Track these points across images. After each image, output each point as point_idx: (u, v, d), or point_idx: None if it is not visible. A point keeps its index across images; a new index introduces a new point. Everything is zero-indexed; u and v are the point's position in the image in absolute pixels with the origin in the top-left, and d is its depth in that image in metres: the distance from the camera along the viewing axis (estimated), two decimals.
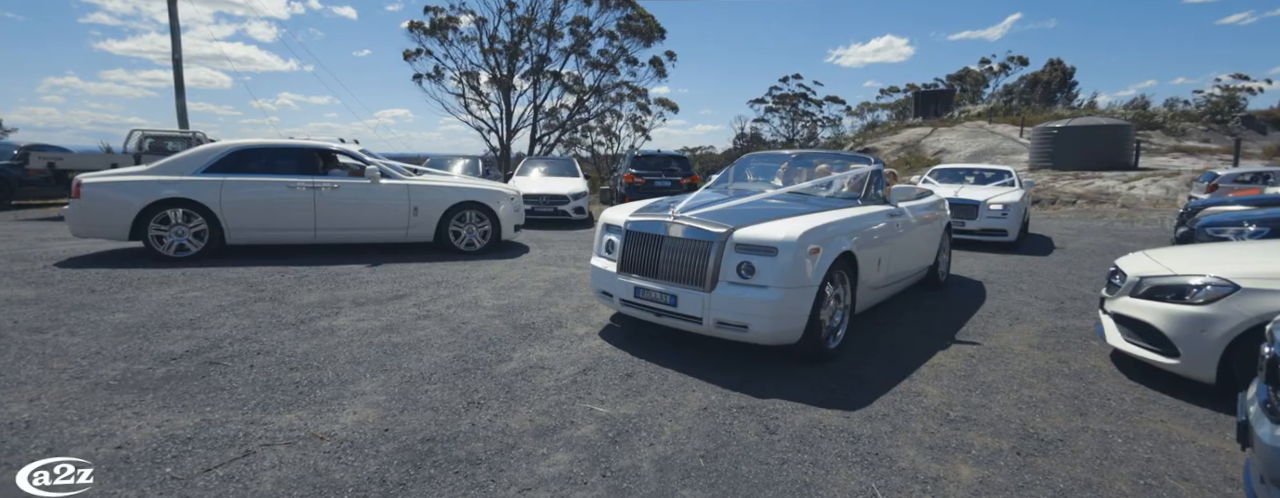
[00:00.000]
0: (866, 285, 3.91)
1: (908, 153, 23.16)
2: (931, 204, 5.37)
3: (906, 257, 4.60)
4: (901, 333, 4.24)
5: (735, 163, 5.23)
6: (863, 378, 3.33)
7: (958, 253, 7.81)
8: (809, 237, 3.23)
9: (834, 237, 3.43)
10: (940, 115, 29.17)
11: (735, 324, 3.24)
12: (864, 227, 3.86)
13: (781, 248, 3.17)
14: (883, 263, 4.09)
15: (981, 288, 5.83)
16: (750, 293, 3.20)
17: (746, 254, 3.24)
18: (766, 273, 3.18)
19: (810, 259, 3.22)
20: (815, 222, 3.41)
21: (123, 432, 2.43)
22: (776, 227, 3.32)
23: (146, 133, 10.93)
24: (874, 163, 4.65)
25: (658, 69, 25.64)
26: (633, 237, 3.72)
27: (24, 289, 4.66)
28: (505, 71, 23.91)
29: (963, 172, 10.13)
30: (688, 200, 4.04)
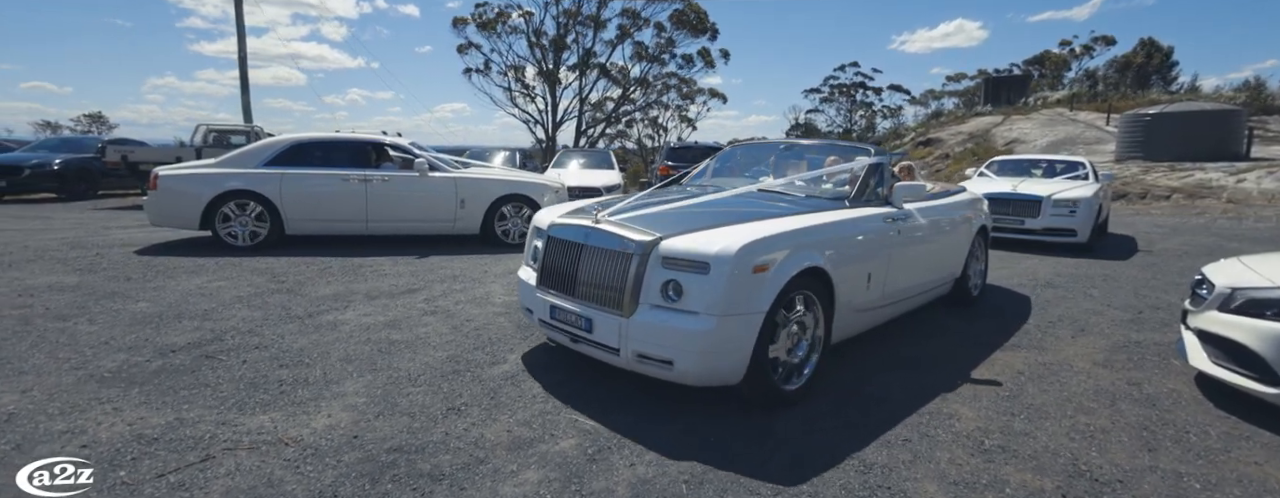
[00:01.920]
0: (849, 308, 3.08)
1: (975, 143, 21.67)
2: (956, 204, 4.44)
3: (916, 269, 3.75)
4: (937, 343, 3.80)
5: (717, 155, 4.45)
6: (884, 395, 2.96)
7: (1015, 255, 7.12)
8: (752, 249, 2.49)
9: (795, 249, 2.66)
10: (1014, 103, 27.17)
11: (658, 359, 2.51)
12: (845, 235, 3.04)
13: (714, 263, 2.43)
14: (876, 279, 3.26)
15: (1036, 298, 5.24)
16: (676, 321, 2.47)
17: (674, 271, 2.52)
18: (696, 295, 2.45)
19: (754, 278, 2.48)
20: (766, 230, 2.65)
21: (94, 430, 2.39)
22: (715, 236, 2.58)
23: (211, 127, 11.52)
24: (876, 154, 3.78)
25: (706, 61, 25.07)
26: (554, 244, 3.00)
27: (69, 276, 4.87)
28: (551, 65, 24.01)
29: (1028, 163, 9.14)
30: (630, 199, 3.39)
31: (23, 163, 10.77)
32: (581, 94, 25.16)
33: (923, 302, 4.09)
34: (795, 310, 2.76)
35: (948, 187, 4.87)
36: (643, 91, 26.28)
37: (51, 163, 10.85)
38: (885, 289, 3.39)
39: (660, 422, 2.61)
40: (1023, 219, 7.34)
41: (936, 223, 4.01)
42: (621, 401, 2.82)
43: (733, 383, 2.60)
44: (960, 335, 3.99)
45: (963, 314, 4.50)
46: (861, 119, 43.79)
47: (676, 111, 29.28)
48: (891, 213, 3.48)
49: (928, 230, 3.86)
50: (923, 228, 3.78)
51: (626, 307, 2.61)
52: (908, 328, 4.09)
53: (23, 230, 7.38)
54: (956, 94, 40.77)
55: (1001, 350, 3.70)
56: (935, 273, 4.05)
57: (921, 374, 3.28)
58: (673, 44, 24.36)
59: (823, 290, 2.88)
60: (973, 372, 3.33)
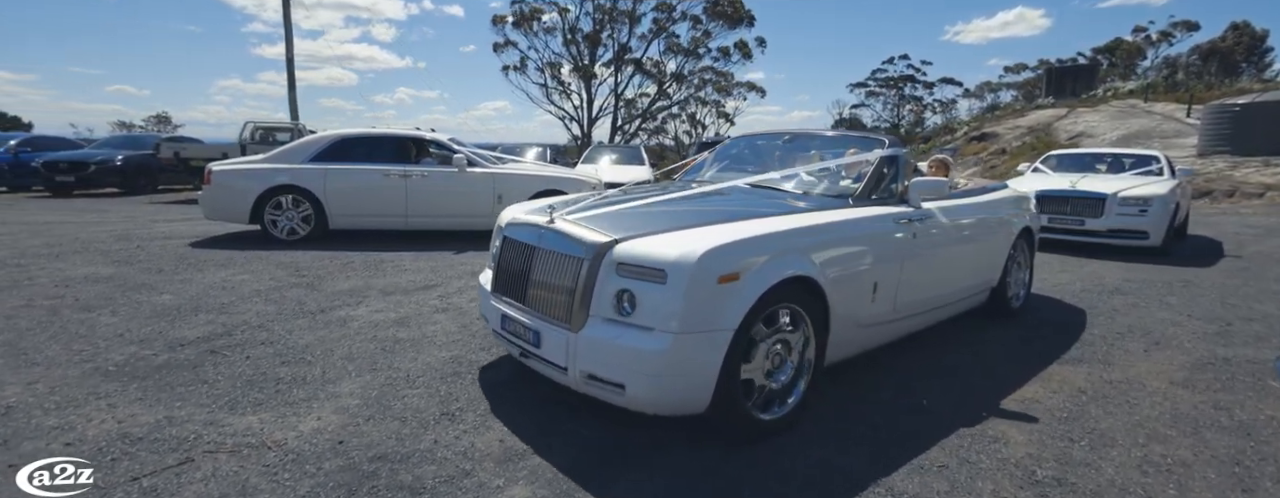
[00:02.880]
0: (851, 323, 2.66)
1: (1035, 138, 20.39)
2: (992, 203, 3.87)
3: (938, 277, 3.24)
4: (985, 351, 3.43)
5: (718, 147, 4.00)
6: (920, 408, 2.65)
7: (1077, 258, 6.53)
8: (718, 255, 2.10)
9: (776, 254, 2.27)
10: (1079, 94, 25.47)
11: (608, 382, 2.16)
12: (843, 238, 2.61)
13: (672, 272, 2.06)
14: (885, 289, 2.80)
15: (1102, 305, 4.74)
16: (627, 338, 2.11)
17: (628, 279, 2.15)
18: (651, 308, 2.09)
19: (721, 289, 2.10)
20: (740, 233, 2.26)
21: (83, 427, 2.35)
22: (677, 239, 2.21)
23: (257, 125, 11.95)
24: (890, 146, 3.25)
25: (744, 53, 24.50)
26: (508, 245, 2.72)
27: (106, 267, 5.01)
28: (587, 61, 23.97)
29: (1092, 157, 8.30)
30: (601, 195, 3.07)
31: (89, 159, 11.40)
32: (617, 90, 25.08)
33: (949, 314, 3.57)
34: (778, 326, 2.35)
35: (984, 183, 4.37)
36: (679, 87, 25.97)
37: (114, 159, 11.46)
38: (897, 301, 2.91)
39: (675, 432, 2.38)
40: (1083, 219, 6.65)
41: (965, 224, 3.49)
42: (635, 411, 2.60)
43: (697, 412, 2.20)
44: (1012, 344, 3.60)
45: (1017, 321, 4.09)
46: (910, 113, 42.14)
47: (714, 107, 28.80)
48: (906, 213, 2.98)
49: (953, 233, 3.33)
50: (946, 230, 3.26)
51: (575, 319, 2.25)
52: (952, 332, 3.73)
53: (80, 223, 7.74)
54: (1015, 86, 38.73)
55: (1060, 364, 3.30)
56: (964, 281, 3.53)
57: (965, 386, 2.94)
58: (708, 36, 23.93)
59: (813, 303, 2.44)
60: (1025, 387, 2.96)
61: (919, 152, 23.20)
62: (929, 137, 28.16)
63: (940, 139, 23.71)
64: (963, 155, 21.13)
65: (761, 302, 2.19)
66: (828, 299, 2.46)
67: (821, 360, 2.55)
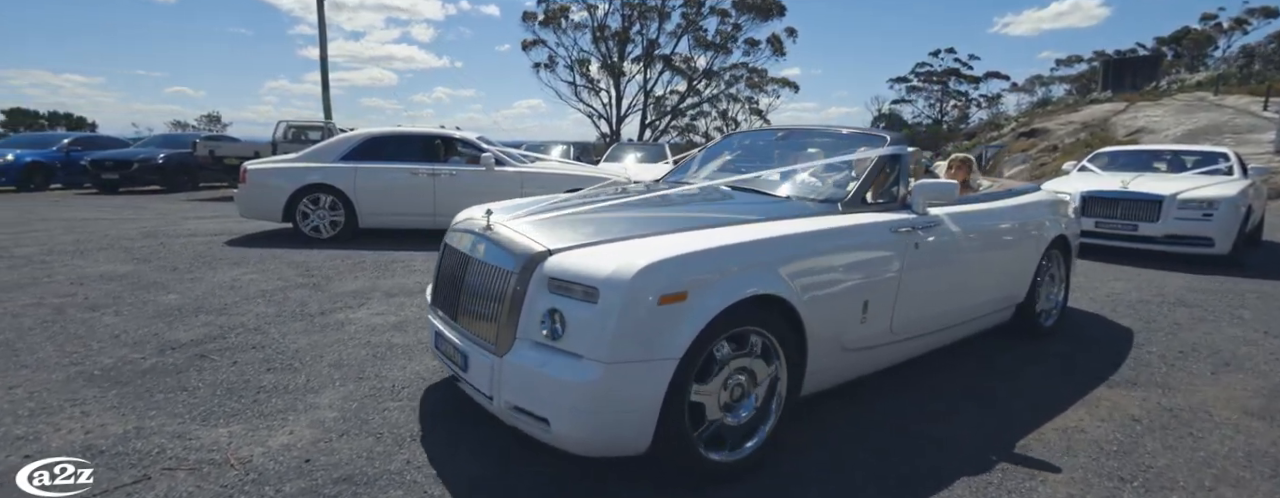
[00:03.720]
0: (835, 347, 2.32)
1: (1090, 134, 19.27)
2: (1017, 209, 3.38)
3: (948, 293, 2.85)
4: (1023, 371, 3.09)
5: (707, 146, 3.63)
6: (942, 437, 2.36)
7: (1129, 266, 6.01)
8: (660, 271, 1.81)
9: (736, 270, 1.97)
10: (1140, 87, 23.98)
11: (533, 415, 1.88)
12: (824, 250, 2.27)
13: (604, 289, 1.78)
14: (878, 308, 2.45)
15: (1162, 318, 4.29)
16: (553, 366, 1.83)
17: (558, 296, 1.88)
18: (580, 332, 1.81)
19: (662, 311, 1.80)
20: (690, 244, 1.96)
21: (49, 437, 2.26)
22: (616, 251, 1.92)
23: (290, 124, 12.20)
24: (892, 143, 2.81)
25: (775, 47, 23.90)
26: (447, 252, 2.50)
27: (124, 265, 5.06)
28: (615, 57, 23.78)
29: (1147, 155, 7.57)
30: (557, 197, 2.80)
31: (132, 158, 11.81)
32: (645, 87, 24.82)
33: (964, 334, 3.16)
34: (741, 352, 2.03)
35: (1013, 185, 3.87)
36: (709, 83, 25.54)
37: (156, 158, 11.84)
38: (896, 321, 2.56)
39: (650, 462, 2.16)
40: (1135, 223, 6.04)
41: (982, 232, 3.05)
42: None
43: (636, 453, 1.90)
44: (1053, 361, 3.25)
45: (1060, 335, 3.71)
46: (953, 109, 40.64)
47: (746, 104, 28.25)
48: (907, 220, 2.59)
49: (966, 242, 2.90)
50: (958, 239, 2.84)
51: (501, 342, 1.98)
52: (982, 348, 3.39)
53: (114, 220, 7.96)
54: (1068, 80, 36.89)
55: (1110, 386, 2.95)
56: (981, 297, 3.10)
57: (996, 412, 2.63)
58: (739, 29, 23.42)
59: (784, 326, 2.11)
60: (1068, 413, 2.63)
61: (962, 148, 22.23)
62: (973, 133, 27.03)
63: (985, 136, 22.70)
64: (1010, 152, 20.15)
65: (715, 325, 1.88)
66: (803, 321, 2.12)
67: (797, 391, 2.21)
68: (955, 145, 24.32)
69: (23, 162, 11.74)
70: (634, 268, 1.80)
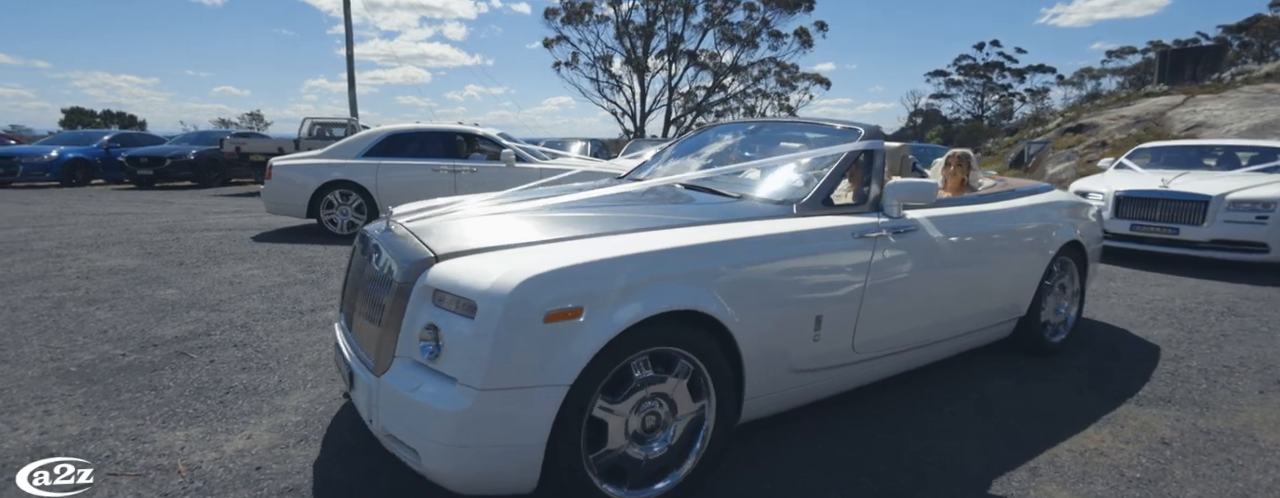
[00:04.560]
0: (780, 369, 2.07)
1: (1143, 129, 18.22)
2: (1017, 211, 3.00)
3: (926, 307, 2.52)
4: (1038, 384, 2.82)
5: (678, 139, 3.39)
6: (943, 460, 2.13)
7: (1171, 274, 5.57)
8: (546, 283, 1.58)
9: (645, 281, 1.71)
10: (1201, 79, 22.58)
11: (406, 445, 1.68)
12: (764, 259, 1.97)
13: (482, 303, 1.56)
14: (836, 323, 2.17)
15: (1207, 329, 3.93)
16: (425, 391, 1.62)
17: (439, 310, 1.67)
18: (456, 352, 1.59)
19: (550, 330, 1.57)
20: (592, 252, 1.72)
21: (4, 438, 2.23)
22: (502, 260, 1.70)
23: (315, 121, 12.41)
24: (865, 137, 2.48)
25: (803, 40, 23.29)
26: (355, 252, 2.33)
27: (134, 259, 5.13)
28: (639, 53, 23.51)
29: (1196, 151, 6.95)
30: (485, 196, 2.59)
31: (165, 154, 12.18)
32: (670, 83, 24.51)
33: (950, 352, 2.82)
34: (660, 376, 1.79)
35: (1021, 184, 3.48)
36: (736, 78, 25.08)
37: (187, 154, 12.19)
38: (859, 338, 2.26)
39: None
40: (1176, 226, 5.53)
41: (971, 238, 2.70)
42: None
43: (523, 493, 1.68)
44: (1077, 374, 2.97)
45: (1087, 344, 3.41)
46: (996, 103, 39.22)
47: (775, 100, 27.69)
48: (874, 224, 2.27)
49: (950, 249, 2.56)
50: (939, 245, 2.50)
51: (380, 359, 1.78)
52: (993, 356, 3.12)
53: (140, 214, 8.16)
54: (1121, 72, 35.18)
55: (1137, 404, 2.67)
56: (970, 309, 2.75)
57: (1006, 429, 2.38)
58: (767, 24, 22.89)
59: (714, 346, 1.86)
60: (1087, 433, 2.37)
61: (1005, 145, 21.29)
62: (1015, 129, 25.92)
63: (1029, 132, 21.73)
64: (1054, 148, 19.24)
65: (619, 346, 1.65)
66: (736, 340, 1.88)
67: (733, 417, 1.97)
68: (996, 142, 23.38)
69: (65, 158, 12.21)
70: (516, 279, 1.56)
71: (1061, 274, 3.26)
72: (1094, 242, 3.49)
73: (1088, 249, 3.36)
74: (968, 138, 32.02)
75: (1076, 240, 3.24)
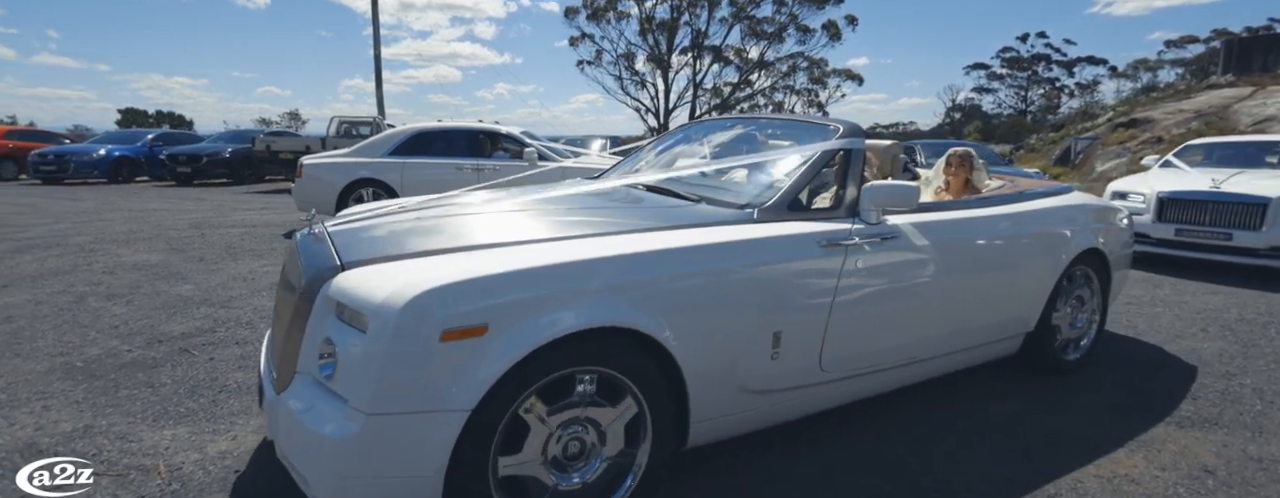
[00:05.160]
0: (731, 390, 1.88)
1: (1204, 123, 17.16)
2: (1024, 215, 2.70)
3: (909, 321, 2.28)
4: (1076, 401, 2.60)
5: (661, 135, 3.18)
6: (953, 479, 1.96)
7: (1218, 284, 5.17)
8: (445, 297, 1.43)
9: (563, 295, 1.55)
10: (1272, 70, 21.18)
11: (297, 470, 1.56)
12: (706, 270, 1.79)
13: (373, 318, 1.43)
14: (800, 341, 1.97)
15: (1266, 344, 3.61)
16: (315, 413, 1.50)
17: (338, 323, 1.54)
18: (349, 371, 1.46)
19: (447, 350, 1.42)
20: (500, 263, 1.56)
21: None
22: (409, 270, 1.55)
23: (342, 119, 12.68)
24: (843, 135, 2.28)
25: (832, 34, 22.66)
26: (286, 261, 2.21)
27: (158, 254, 5.26)
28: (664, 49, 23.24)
29: (1258, 147, 6.32)
30: (425, 200, 2.43)
31: (202, 153, 12.65)
32: (695, 79, 24.15)
33: (943, 369, 2.54)
34: (572, 401, 1.62)
35: (1034, 185, 3.19)
36: (763, 74, 24.61)
37: (223, 152, 12.63)
38: (827, 356, 2.04)
39: None
40: (1229, 231, 5.00)
41: (962, 245, 2.43)
42: None
43: None
44: (1111, 390, 2.74)
45: (1121, 357, 3.16)
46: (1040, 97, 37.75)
47: (805, 96, 27.11)
48: (846, 231, 2.05)
49: (937, 257, 2.29)
50: (923, 254, 2.25)
51: (282, 374, 1.68)
52: (1008, 374, 2.90)
53: (173, 210, 8.42)
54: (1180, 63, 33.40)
55: (1179, 426, 2.44)
56: (963, 324, 2.48)
57: (1024, 451, 2.20)
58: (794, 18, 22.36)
59: (649, 367, 1.69)
60: (1118, 456, 2.17)
61: (1050, 141, 20.37)
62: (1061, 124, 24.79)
63: (1076, 127, 20.75)
64: (1104, 145, 18.30)
65: (531, 367, 1.50)
66: (677, 358, 1.71)
67: (677, 443, 1.82)
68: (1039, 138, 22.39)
69: (112, 156, 12.78)
70: (410, 292, 1.41)
71: (1078, 285, 2.94)
72: (1120, 249, 3.18)
73: (1110, 258, 3.03)
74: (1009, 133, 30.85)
75: (1096, 248, 2.91)
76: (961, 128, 36.80)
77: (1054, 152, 17.96)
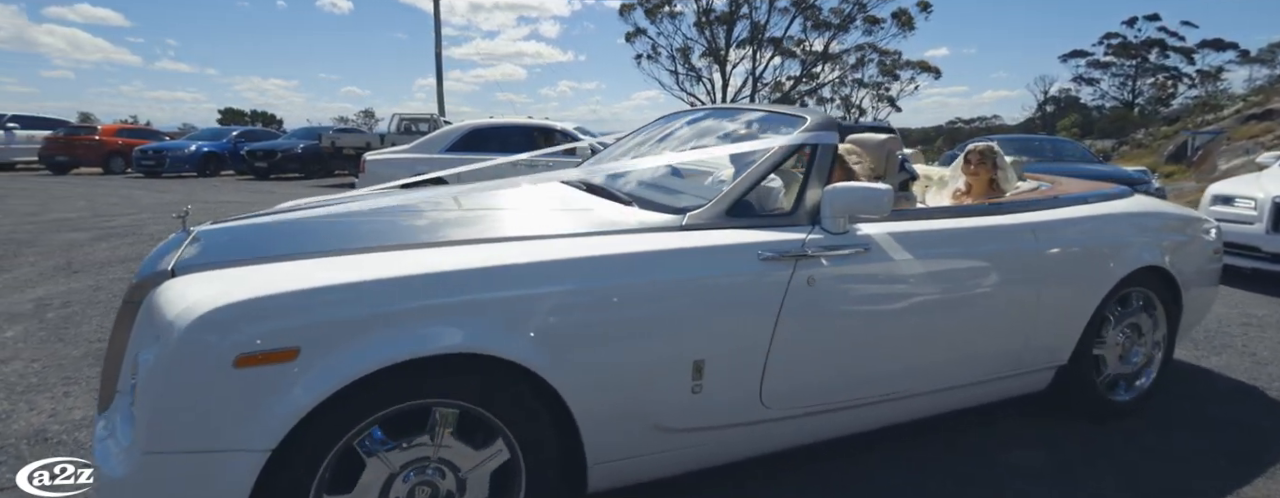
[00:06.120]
0: (643, 427, 1.60)
1: None
2: (1047, 225, 2.19)
3: (885, 352, 1.91)
4: (1154, 442, 2.17)
5: (639, 128, 2.90)
6: None
7: None
8: (235, 316, 1.22)
9: (395, 317, 1.32)
10: None
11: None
12: (604, 288, 1.51)
13: (161, 339, 1.23)
14: (731, 372, 1.67)
15: None
16: (107, 444, 1.35)
17: (149, 339, 1.34)
18: (139, 399, 1.26)
19: (245, 377, 1.21)
20: (329, 274, 1.33)
21: (14, 418, 2.29)
22: (225, 280, 1.33)
23: (402, 116, 13.20)
24: (811, 129, 1.91)
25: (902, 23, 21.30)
26: None
27: None
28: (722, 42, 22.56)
29: None
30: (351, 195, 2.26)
31: (277, 149, 13.56)
32: (754, 73, 23.35)
33: (938, 408, 2.11)
34: (435, 437, 1.39)
35: (1070, 188, 2.63)
36: (829, 67, 23.51)
37: (296, 148, 13.43)
38: (770, 389, 1.71)
39: None
40: None
41: (960, 261, 2.00)
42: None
43: None
44: (1207, 433, 2.28)
45: (1223, 394, 2.65)
46: (1150, 87, 34.50)
47: (874, 90, 25.76)
48: (797, 242, 1.71)
49: (925, 275, 1.90)
50: (903, 270, 1.86)
51: (103, 393, 1.51)
52: (1062, 408, 2.46)
53: (245, 203, 8.88)
54: None
55: None
56: (962, 355, 2.05)
57: None
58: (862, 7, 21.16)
59: (525, 402, 1.44)
60: None
61: (1162, 136, 18.38)
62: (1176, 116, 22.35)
63: (1194, 120, 18.63)
64: (1230, 139, 16.31)
65: (362, 398, 1.29)
66: (561, 393, 1.45)
67: (573, 490, 1.58)
68: (1149, 132, 20.27)
69: (202, 152, 13.93)
70: (201, 308, 1.20)
71: (1132, 311, 2.40)
72: (1196, 267, 2.59)
73: (1180, 278, 2.45)
74: (1111, 128, 28.32)
75: (1158, 266, 2.36)
76: (1054, 122, 34.10)
77: (1167, 148, 16.16)
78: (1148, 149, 17.75)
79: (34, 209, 7.97)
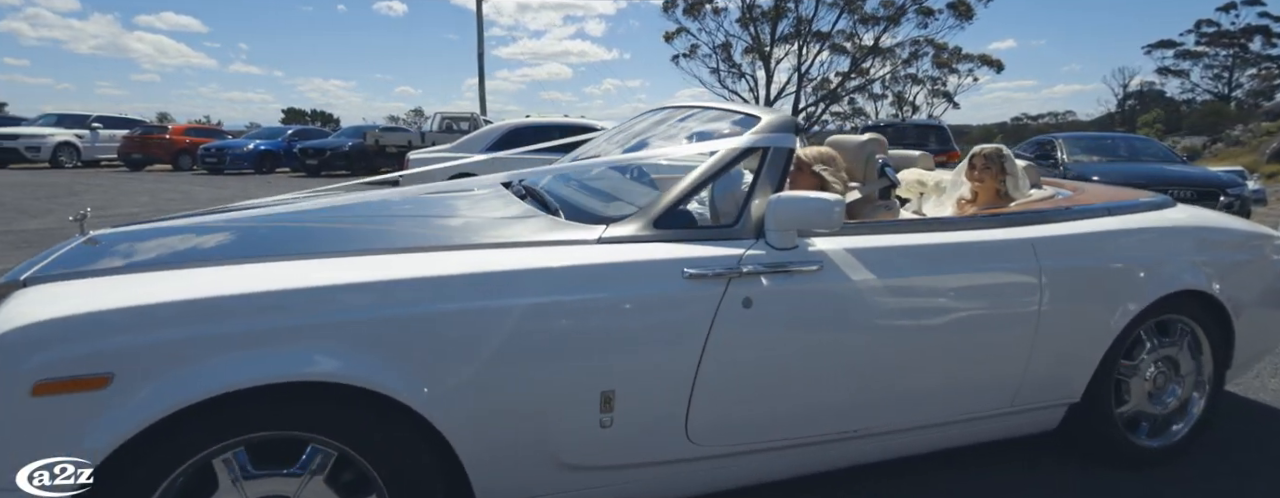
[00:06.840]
0: (545, 464, 1.42)
1: None
2: (1049, 242, 1.83)
3: (836, 383, 1.64)
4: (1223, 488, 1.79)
5: (620, 124, 2.83)
6: None
7: None
8: (35, 336, 1.12)
9: (233, 339, 1.17)
10: None
11: None
12: (496, 308, 1.32)
13: None
14: (648, 404, 1.46)
15: None
16: None
17: None
18: None
19: (43, 407, 1.15)
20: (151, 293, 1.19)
21: None
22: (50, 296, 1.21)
23: (444, 115, 13.55)
24: (767, 130, 1.66)
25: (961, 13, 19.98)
26: None
27: None
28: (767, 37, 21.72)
29: None
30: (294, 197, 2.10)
31: (325, 147, 14.18)
32: (799, 68, 22.37)
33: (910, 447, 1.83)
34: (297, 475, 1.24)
35: (1095, 196, 2.21)
36: (880, 62, 22.39)
37: (344, 147, 13.99)
38: (697, 423, 1.50)
39: None
40: None
41: (928, 280, 1.69)
42: None
43: None
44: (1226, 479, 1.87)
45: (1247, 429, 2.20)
46: (1249, 80, 31.58)
47: (929, 84, 24.45)
48: (733, 257, 1.49)
49: (885, 297, 1.63)
50: (856, 290, 1.58)
51: None
52: None
53: None
54: None
55: None
56: (939, 386, 1.76)
57: None
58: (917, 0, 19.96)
59: (399, 436, 1.28)
60: None
61: (1263, 133, 16.62)
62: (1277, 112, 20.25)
63: None
64: None
65: (187, 433, 1.16)
66: (440, 428, 1.28)
67: None
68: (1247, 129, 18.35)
69: (258, 150, 14.73)
70: (6, 327, 1.10)
71: (1164, 343, 2.03)
72: (1259, 293, 2.17)
73: (1228, 305, 2.03)
74: (1201, 123, 25.93)
75: (1199, 291, 1.98)
76: (1135, 117, 31.58)
77: (1270, 145, 14.57)
78: (1247, 147, 16.06)
79: (103, 203, 8.52)
